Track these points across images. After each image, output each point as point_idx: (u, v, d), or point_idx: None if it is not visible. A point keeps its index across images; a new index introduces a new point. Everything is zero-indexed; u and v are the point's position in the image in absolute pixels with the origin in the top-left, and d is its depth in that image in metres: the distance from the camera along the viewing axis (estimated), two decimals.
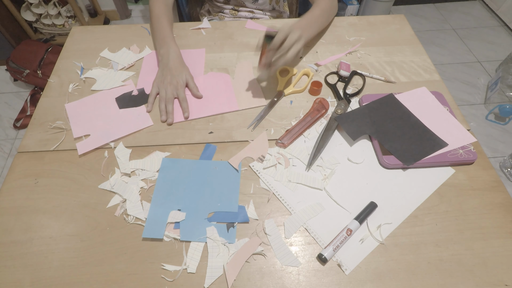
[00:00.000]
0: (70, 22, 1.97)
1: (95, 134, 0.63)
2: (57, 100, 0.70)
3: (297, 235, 0.52)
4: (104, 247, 0.50)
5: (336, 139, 0.63)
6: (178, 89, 0.68)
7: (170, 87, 0.68)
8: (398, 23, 0.88)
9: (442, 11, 2.26)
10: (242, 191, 0.56)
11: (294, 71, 0.73)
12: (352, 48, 0.80)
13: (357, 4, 2.05)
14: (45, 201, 0.55)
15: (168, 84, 0.68)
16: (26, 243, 0.51)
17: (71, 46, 0.82)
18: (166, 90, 0.68)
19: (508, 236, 0.51)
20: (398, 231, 0.52)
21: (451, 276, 0.48)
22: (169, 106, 0.66)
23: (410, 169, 0.59)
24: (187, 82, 0.70)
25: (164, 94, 0.67)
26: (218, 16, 1.00)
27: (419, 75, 0.75)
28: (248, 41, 0.83)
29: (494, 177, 0.57)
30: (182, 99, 0.67)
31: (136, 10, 2.28)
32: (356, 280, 0.47)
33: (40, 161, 0.60)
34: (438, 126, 0.62)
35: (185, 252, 0.50)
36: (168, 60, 0.70)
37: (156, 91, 0.69)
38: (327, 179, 0.57)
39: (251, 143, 0.62)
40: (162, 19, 0.75)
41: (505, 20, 2.11)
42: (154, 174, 0.58)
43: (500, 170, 1.45)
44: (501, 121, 1.61)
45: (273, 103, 0.68)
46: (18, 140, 1.59)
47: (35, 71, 1.61)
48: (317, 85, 0.69)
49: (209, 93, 0.71)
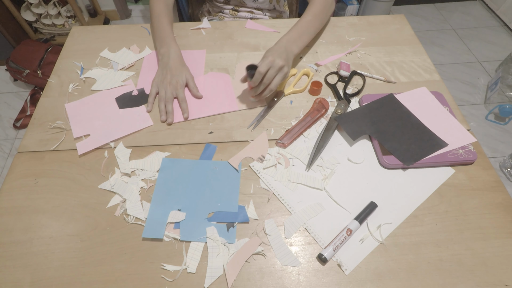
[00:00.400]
0: (70, 22, 1.97)
1: (95, 134, 0.63)
2: (57, 100, 0.70)
3: (297, 235, 0.52)
4: (104, 247, 0.50)
5: (336, 139, 0.63)
6: (177, 89, 0.68)
7: (170, 87, 0.68)
8: (398, 23, 0.88)
9: (442, 11, 2.26)
10: (242, 191, 0.56)
11: (294, 71, 0.73)
12: (352, 48, 0.80)
13: (357, 4, 2.05)
14: (45, 201, 0.55)
15: (168, 84, 0.68)
16: (26, 243, 0.51)
17: (71, 46, 0.82)
18: (166, 90, 0.67)
19: (508, 236, 0.51)
20: (398, 231, 0.52)
21: (451, 276, 0.48)
22: (168, 106, 0.66)
23: (410, 169, 0.59)
24: (187, 82, 0.70)
25: (164, 94, 0.67)
26: (218, 16, 1.00)
27: (419, 75, 0.75)
28: (248, 41, 0.83)
29: (494, 177, 0.57)
30: (182, 99, 0.67)
31: (136, 10, 2.29)
32: (356, 280, 0.47)
33: (40, 161, 0.60)
34: (438, 126, 0.62)
35: (185, 252, 0.50)
36: (168, 60, 0.70)
37: (156, 91, 0.69)
38: (327, 179, 0.57)
39: (251, 143, 0.62)
40: (162, 19, 0.75)
41: (505, 20, 2.11)
42: (154, 174, 0.58)
43: (500, 170, 1.45)
44: (501, 121, 1.61)
45: (273, 103, 0.68)
46: (18, 140, 1.59)
47: (35, 71, 1.61)
48: (317, 85, 0.69)
49: (209, 93, 0.71)
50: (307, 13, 0.76)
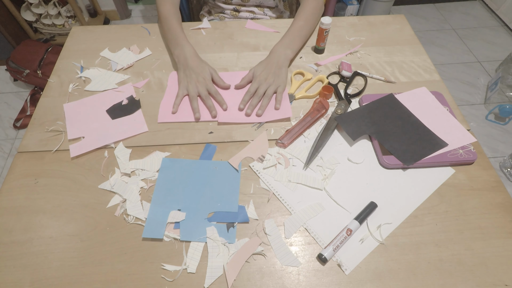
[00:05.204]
0: (70, 22, 1.97)
1: (90, 137, 0.63)
2: (57, 100, 0.70)
3: (297, 235, 0.52)
4: (104, 247, 0.50)
5: (336, 139, 0.63)
6: (207, 84, 0.68)
7: (199, 84, 0.68)
8: (398, 23, 0.88)
9: (442, 11, 2.26)
10: (242, 191, 0.56)
11: (309, 76, 0.73)
12: (353, 49, 0.80)
13: (357, 4, 2.05)
14: (45, 201, 0.55)
15: (196, 82, 0.68)
16: (26, 243, 0.51)
17: (71, 46, 0.82)
18: (198, 88, 0.68)
19: (508, 236, 0.51)
20: (398, 231, 0.52)
21: (451, 276, 0.48)
22: (208, 101, 0.67)
23: (410, 169, 0.59)
24: (212, 76, 0.71)
25: (196, 92, 0.68)
26: (219, 16, 1.00)
27: (419, 75, 0.75)
28: (248, 41, 0.83)
29: (494, 177, 0.57)
30: (215, 92, 0.68)
31: (136, 10, 2.28)
32: (356, 280, 0.47)
33: (40, 161, 0.60)
34: (438, 126, 0.62)
35: (185, 252, 0.50)
36: (186, 60, 0.70)
37: (184, 93, 0.69)
38: (327, 179, 0.57)
39: (251, 143, 0.62)
40: (171, 20, 0.75)
41: (505, 20, 2.11)
42: (154, 174, 0.58)
43: (500, 170, 1.45)
44: (501, 121, 1.61)
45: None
46: (18, 140, 1.59)
47: (35, 71, 1.61)
48: (328, 90, 0.68)
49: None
50: (298, 18, 0.78)
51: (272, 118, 0.66)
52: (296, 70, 0.75)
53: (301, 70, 0.74)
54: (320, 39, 0.76)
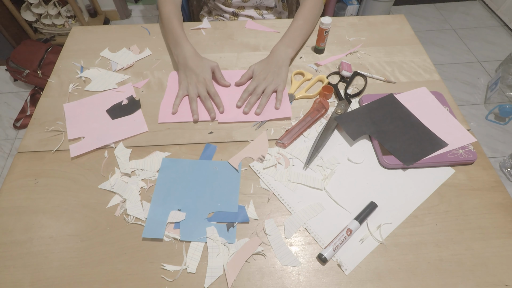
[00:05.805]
0: (70, 22, 1.97)
1: (90, 137, 0.63)
2: (57, 100, 0.70)
3: (297, 235, 0.52)
4: (104, 247, 0.50)
5: (336, 139, 0.63)
6: (207, 85, 0.68)
7: (199, 85, 0.68)
8: (398, 23, 0.88)
9: (442, 11, 2.26)
10: (242, 191, 0.56)
11: (309, 76, 0.73)
12: (353, 49, 0.80)
13: (357, 4, 2.05)
14: (45, 201, 0.55)
15: (197, 83, 0.68)
16: (26, 243, 0.51)
17: (71, 46, 0.82)
18: (198, 90, 0.68)
19: (508, 236, 0.51)
20: (398, 231, 0.52)
21: (451, 276, 0.48)
22: (207, 103, 0.67)
23: (410, 169, 0.59)
24: (213, 72, 0.71)
25: (196, 93, 0.68)
26: (218, 19, 1.00)
27: (419, 75, 0.75)
28: (248, 41, 0.83)
29: (494, 177, 0.57)
30: (214, 94, 0.68)
31: (136, 10, 2.28)
32: (356, 280, 0.47)
33: (40, 161, 0.60)
34: (438, 126, 0.62)
35: (185, 252, 0.50)
36: (185, 60, 0.69)
37: (184, 93, 0.69)
38: (327, 179, 0.57)
39: (251, 143, 0.62)
40: (172, 20, 0.75)
41: (505, 20, 2.11)
42: (154, 174, 0.58)
43: (500, 170, 1.45)
44: (501, 121, 1.61)
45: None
46: (18, 140, 1.59)
47: (35, 71, 1.61)
48: (328, 90, 0.68)
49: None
50: (298, 17, 0.78)
51: (272, 117, 0.66)
52: (296, 70, 0.75)
53: (301, 70, 0.74)
54: (320, 39, 0.76)
